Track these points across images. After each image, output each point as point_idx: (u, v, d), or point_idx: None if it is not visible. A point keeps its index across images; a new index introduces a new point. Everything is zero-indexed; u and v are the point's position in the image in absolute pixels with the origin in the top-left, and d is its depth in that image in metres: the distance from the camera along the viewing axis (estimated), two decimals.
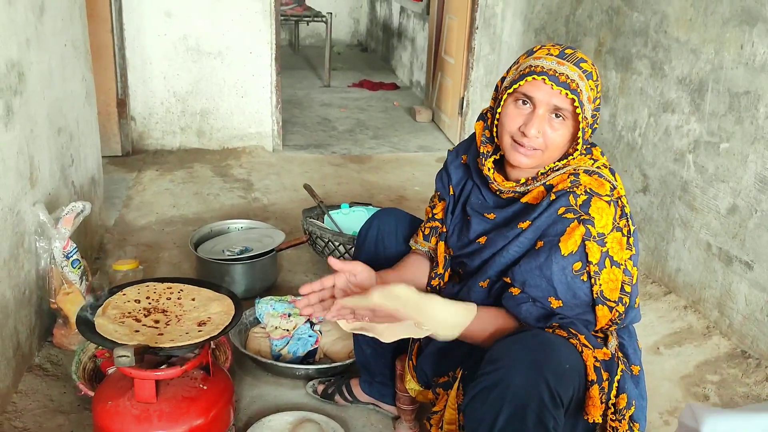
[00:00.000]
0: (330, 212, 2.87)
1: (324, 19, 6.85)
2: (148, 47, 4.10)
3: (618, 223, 1.37)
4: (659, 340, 2.42)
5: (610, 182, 1.40)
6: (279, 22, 4.29)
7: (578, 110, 1.36)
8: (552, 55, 1.39)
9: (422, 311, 1.39)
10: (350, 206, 2.97)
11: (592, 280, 1.36)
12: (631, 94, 2.97)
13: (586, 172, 1.41)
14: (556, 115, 1.38)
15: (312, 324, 2.23)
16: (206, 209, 3.44)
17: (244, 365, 2.12)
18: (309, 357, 2.16)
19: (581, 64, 1.38)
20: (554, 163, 1.43)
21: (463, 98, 4.69)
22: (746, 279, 2.30)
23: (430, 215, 1.68)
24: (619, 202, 1.39)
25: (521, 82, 1.38)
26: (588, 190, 1.37)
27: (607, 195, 1.37)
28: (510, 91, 1.40)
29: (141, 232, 3.13)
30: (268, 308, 2.26)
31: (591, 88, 1.38)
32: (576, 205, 1.36)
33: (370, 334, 1.43)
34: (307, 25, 8.22)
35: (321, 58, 6.90)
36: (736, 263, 2.35)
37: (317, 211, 2.91)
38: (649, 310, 2.61)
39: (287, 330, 2.19)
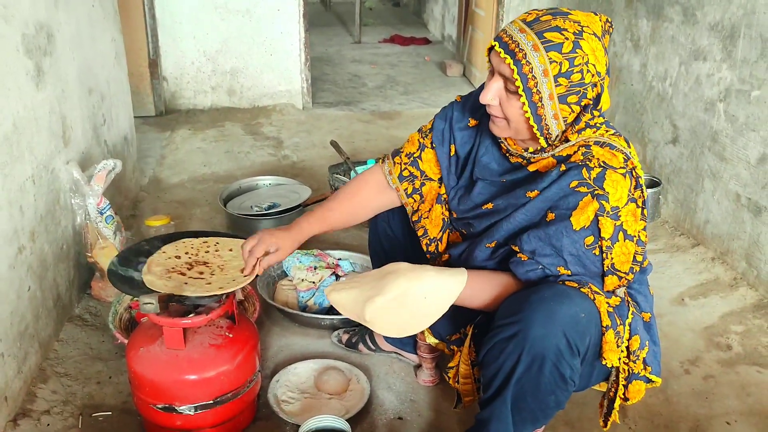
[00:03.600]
0: (356, 168, 2.90)
1: None
2: (177, 6, 4.14)
3: (633, 194, 1.33)
4: (684, 291, 2.41)
5: (623, 152, 1.34)
6: None
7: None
8: (523, 21, 1.32)
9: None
10: (377, 161, 2.99)
11: (604, 255, 1.34)
12: (662, 43, 2.90)
13: (597, 143, 1.35)
14: (508, 86, 1.33)
15: (337, 276, 2.29)
16: (237, 167, 3.50)
17: (272, 316, 2.19)
18: (334, 308, 2.22)
19: (547, 34, 1.27)
20: (556, 143, 1.39)
21: None
22: None
23: (415, 151, 1.64)
24: (634, 173, 1.34)
25: (489, 46, 1.35)
26: (602, 163, 1.31)
27: (621, 167, 1.31)
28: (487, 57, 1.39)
29: (174, 189, 3.22)
30: (294, 261, 2.32)
31: (552, 61, 1.27)
32: (589, 179, 1.31)
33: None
34: None
35: (352, 15, 6.87)
36: (765, 214, 2.31)
37: (344, 167, 2.95)
38: (676, 262, 2.59)
39: (313, 282, 2.25)
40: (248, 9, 4.23)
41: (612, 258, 1.34)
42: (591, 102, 1.35)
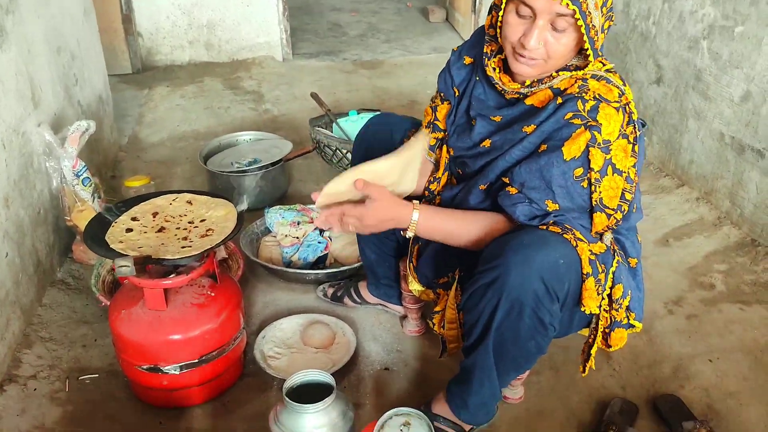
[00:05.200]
0: (338, 120, 2.86)
1: None
2: None
3: (624, 130, 1.32)
4: (669, 232, 2.42)
5: (618, 87, 1.33)
6: None
7: (579, 21, 1.25)
8: None
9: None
10: (358, 113, 2.94)
11: (593, 187, 1.33)
12: None
13: (594, 77, 1.34)
14: (557, 25, 1.28)
15: (321, 231, 2.28)
16: (218, 123, 3.45)
17: (256, 273, 2.18)
18: (319, 263, 2.22)
19: None
20: (564, 71, 1.36)
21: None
22: (758, 167, 2.26)
23: (432, 117, 1.65)
24: (627, 108, 1.33)
25: None
26: (597, 96, 1.30)
27: (615, 101, 1.31)
28: None
29: (154, 148, 3.17)
30: (277, 217, 2.30)
31: None
32: (584, 111, 1.30)
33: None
34: None
35: None
36: (748, 152, 2.30)
37: (325, 119, 2.90)
38: (660, 204, 2.59)
39: (297, 237, 2.24)
40: None
41: (600, 192, 1.33)
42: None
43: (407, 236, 1.43)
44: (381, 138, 1.72)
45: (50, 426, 1.59)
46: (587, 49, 1.30)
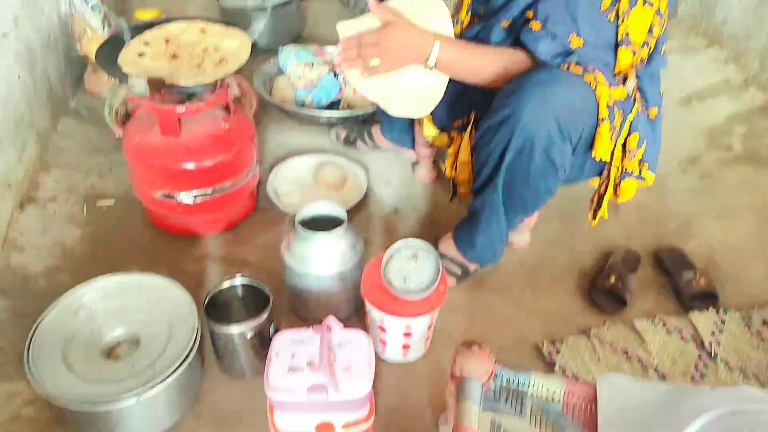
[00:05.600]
0: None
1: None
2: None
3: None
4: (693, 93, 2.35)
5: None
6: None
7: None
8: None
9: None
10: None
11: (620, 20, 1.27)
12: None
13: None
14: None
15: (335, 74, 2.23)
16: None
17: (269, 113, 2.17)
18: (333, 107, 2.19)
19: None
20: None
21: None
22: None
23: None
24: None
25: None
26: None
27: None
28: None
29: None
30: (291, 57, 2.24)
31: None
32: None
33: (382, 104, 1.43)
34: None
35: None
36: None
37: None
38: (687, 63, 2.51)
39: (311, 80, 2.19)
40: None
41: (627, 26, 1.28)
42: None
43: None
44: None
45: (71, 245, 1.65)
46: None
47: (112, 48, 1.56)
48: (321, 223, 1.42)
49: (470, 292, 1.56)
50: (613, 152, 1.38)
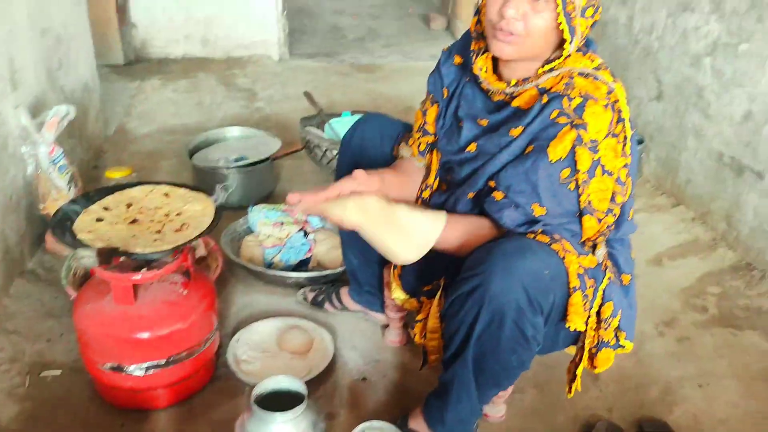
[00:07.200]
0: (330, 121, 2.79)
1: None
2: None
3: (614, 129, 1.27)
4: (663, 252, 2.35)
5: (607, 84, 1.28)
6: None
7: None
8: None
9: (389, 227, 1.33)
10: (352, 114, 2.87)
11: (580, 189, 1.28)
12: None
13: (581, 74, 1.29)
14: (537, 7, 1.24)
15: (306, 233, 2.20)
16: (208, 119, 3.37)
17: (236, 273, 2.11)
18: (302, 266, 2.14)
19: None
20: (548, 65, 1.32)
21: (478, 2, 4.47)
22: (756, 189, 2.20)
23: (422, 122, 1.58)
24: (616, 106, 1.27)
25: None
26: (583, 94, 1.26)
27: (603, 99, 1.26)
28: None
29: (141, 141, 3.09)
30: (260, 216, 2.23)
31: None
32: (569, 109, 1.26)
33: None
34: None
35: None
36: (747, 173, 2.24)
37: (317, 119, 2.83)
38: (655, 222, 2.53)
39: (280, 238, 2.16)
40: None
41: (589, 194, 1.27)
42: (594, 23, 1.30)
43: None
44: (370, 144, 1.66)
45: (5, 424, 1.51)
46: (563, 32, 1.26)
47: (68, 214, 1.51)
48: (281, 398, 1.32)
49: None
50: (587, 321, 1.33)
